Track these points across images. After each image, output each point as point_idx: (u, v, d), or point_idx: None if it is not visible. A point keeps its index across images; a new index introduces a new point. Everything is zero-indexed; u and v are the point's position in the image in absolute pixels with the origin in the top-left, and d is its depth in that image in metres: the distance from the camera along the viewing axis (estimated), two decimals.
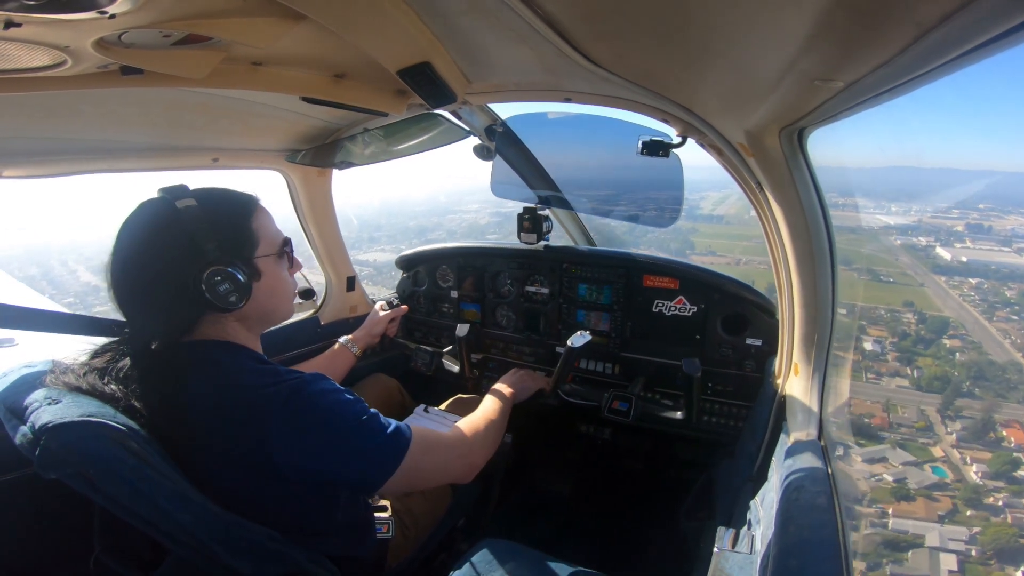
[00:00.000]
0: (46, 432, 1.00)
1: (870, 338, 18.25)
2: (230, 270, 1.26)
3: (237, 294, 1.27)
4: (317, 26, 1.07)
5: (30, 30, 0.86)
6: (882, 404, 15.58)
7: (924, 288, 21.00)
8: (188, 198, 1.27)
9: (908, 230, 24.72)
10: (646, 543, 2.71)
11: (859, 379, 16.51)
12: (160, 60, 1.11)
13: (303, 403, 1.22)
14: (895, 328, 18.98)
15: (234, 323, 1.36)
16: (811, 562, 1.11)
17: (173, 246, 1.24)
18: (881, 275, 21.41)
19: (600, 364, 2.69)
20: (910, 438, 14.10)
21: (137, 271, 1.27)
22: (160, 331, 1.26)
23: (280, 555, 1.22)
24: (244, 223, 1.36)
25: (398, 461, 1.30)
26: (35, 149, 1.69)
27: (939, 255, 22.44)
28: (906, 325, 19.14)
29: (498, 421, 1.83)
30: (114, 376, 1.24)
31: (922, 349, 17.75)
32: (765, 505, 1.53)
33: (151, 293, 1.26)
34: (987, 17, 0.58)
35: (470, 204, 36.49)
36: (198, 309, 1.28)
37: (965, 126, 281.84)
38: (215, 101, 1.70)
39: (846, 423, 2.33)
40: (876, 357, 17.89)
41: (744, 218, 31.75)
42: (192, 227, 1.25)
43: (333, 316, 2.97)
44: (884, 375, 16.92)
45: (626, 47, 1.14)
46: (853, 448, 13.56)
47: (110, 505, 1.06)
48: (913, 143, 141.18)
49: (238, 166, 2.37)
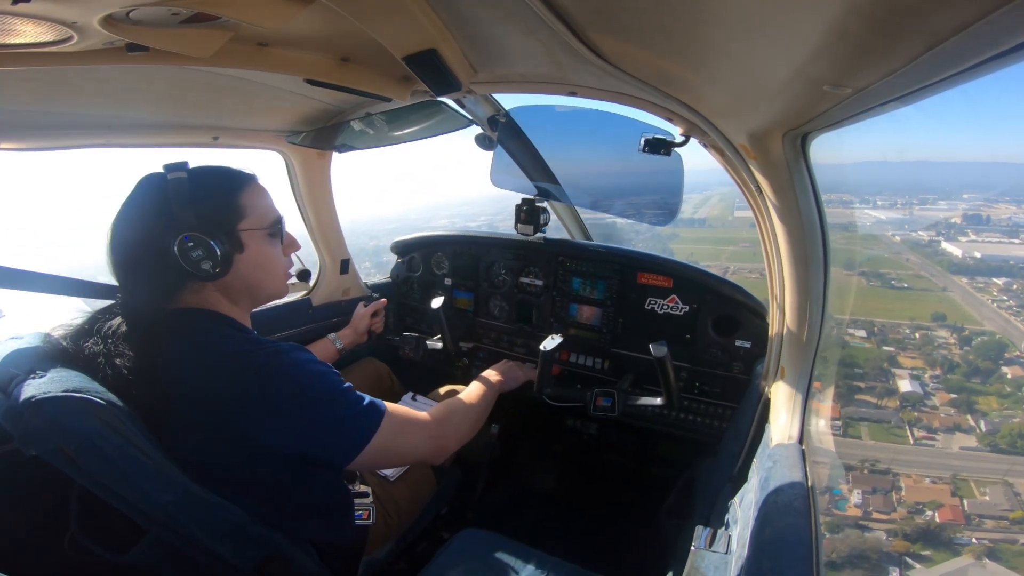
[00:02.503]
0: (29, 406, 0.99)
1: (904, 372, 13.17)
2: (203, 237, 1.27)
3: (210, 262, 1.29)
4: (325, 8, 1.06)
5: (38, 6, 0.85)
6: (949, 484, 10.64)
7: (948, 294, 16.41)
8: (180, 171, 1.30)
9: (904, 224, 22.87)
10: (626, 539, 2.75)
11: (901, 439, 11.65)
12: (167, 38, 1.10)
13: (276, 371, 1.24)
14: (932, 353, 13.94)
15: (215, 293, 1.37)
16: (783, 564, 1.13)
17: (152, 213, 1.29)
18: (892, 280, 17.03)
19: (590, 359, 2.70)
20: (1006, 538, 9.35)
21: (124, 238, 1.31)
22: (145, 297, 1.30)
23: (260, 539, 1.23)
24: (230, 195, 1.38)
25: (369, 435, 1.31)
26: (35, 123, 1.68)
27: (947, 251, 19.41)
28: (946, 348, 14.05)
29: (479, 406, 1.83)
30: (99, 335, 1.27)
31: (980, 384, 12.83)
32: (743, 506, 1.54)
33: (136, 259, 1.30)
34: (1002, 30, 0.58)
35: (440, 220, 36.44)
36: (179, 276, 1.29)
37: (970, 137, 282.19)
38: (219, 80, 1.69)
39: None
40: (919, 402, 12.59)
41: (728, 220, 30.65)
42: (173, 196, 1.27)
43: (325, 298, 2.97)
44: (939, 431, 11.93)
45: (635, 44, 1.14)
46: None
47: (90, 484, 1.06)
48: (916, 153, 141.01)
49: (238, 145, 2.36)
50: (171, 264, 1.26)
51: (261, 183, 1.45)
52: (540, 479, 3.22)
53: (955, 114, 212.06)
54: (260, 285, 1.45)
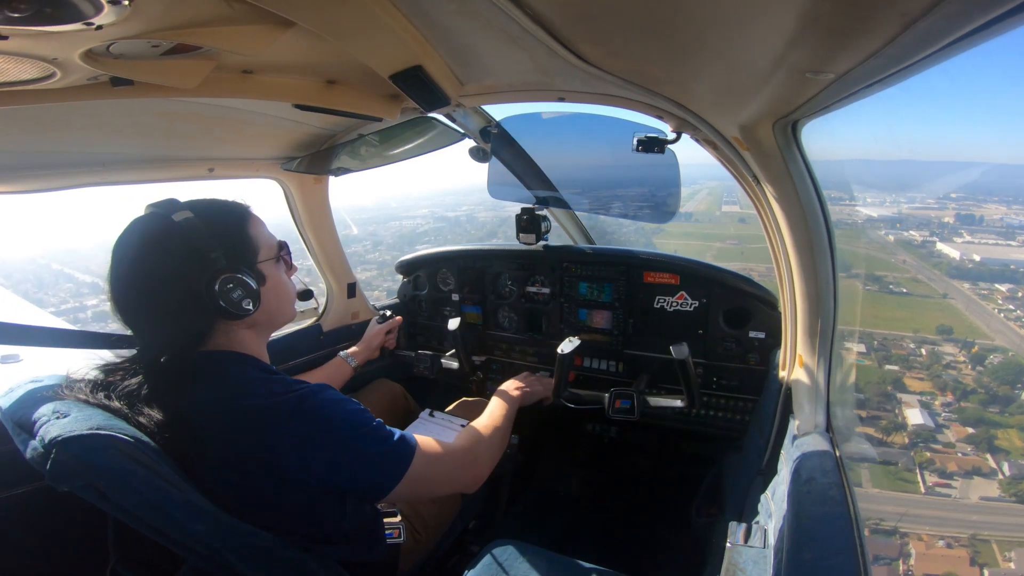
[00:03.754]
0: (56, 445, 1.00)
1: (913, 398, 10.68)
2: (240, 276, 1.27)
3: (250, 299, 1.29)
4: (307, 32, 1.07)
5: (17, 43, 0.86)
6: (967, 548, 8.43)
7: (950, 301, 14.53)
8: (183, 210, 1.28)
9: (896, 222, 21.86)
10: (657, 540, 2.71)
11: (911, 486, 9.34)
12: (150, 70, 1.11)
13: (310, 412, 1.23)
14: (941, 375, 11.55)
15: (245, 331, 1.37)
16: (826, 555, 1.11)
17: (178, 258, 1.24)
18: (890, 284, 15.12)
19: (604, 362, 2.69)
20: None
21: (142, 286, 1.25)
22: (169, 344, 1.27)
23: (292, 562, 1.22)
24: (243, 230, 1.37)
25: (403, 470, 1.31)
26: (25, 163, 1.69)
27: (943, 252, 18.04)
28: (955, 368, 11.74)
29: (503, 427, 1.82)
30: (122, 392, 1.24)
31: (999, 414, 10.39)
32: (776, 498, 1.52)
33: (158, 307, 1.25)
34: (969, 7, 0.58)
35: (419, 209, 36.35)
36: (209, 319, 1.28)
37: (957, 115, 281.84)
38: (208, 110, 1.70)
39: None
40: (930, 437, 10.14)
41: (715, 214, 29.67)
42: (195, 238, 1.25)
43: (335, 323, 2.97)
44: (955, 475, 9.51)
45: (617, 45, 1.14)
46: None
47: (122, 516, 1.07)
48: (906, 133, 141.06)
49: (234, 175, 2.37)
50: (204, 307, 1.23)
51: (254, 211, 1.45)
52: (564, 486, 3.19)
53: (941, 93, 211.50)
54: (280, 313, 1.47)
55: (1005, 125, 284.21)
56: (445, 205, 40.50)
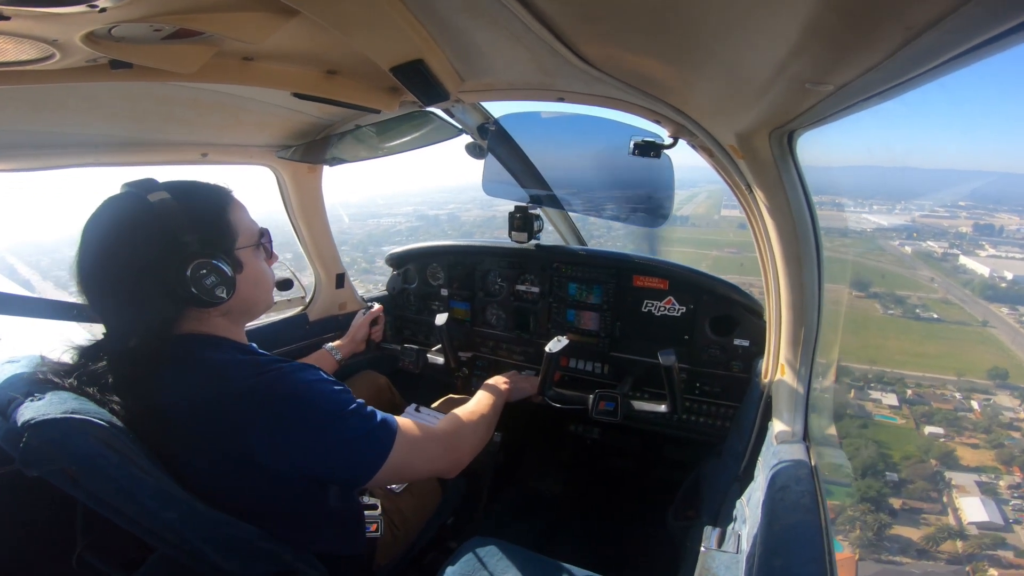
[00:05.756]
0: (28, 428, 0.98)
1: (968, 479, 7.32)
2: (215, 262, 1.23)
3: (224, 287, 1.24)
4: (310, 22, 1.06)
5: (18, 23, 0.85)
6: None
7: (991, 330, 11.21)
8: (160, 191, 1.22)
9: (912, 231, 19.16)
10: (634, 542, 2.73)
11: None
12: (150, 54, 1.10)
13: (283, 395, 1.20)
14: (1003, 442, 8.08)
15: (217, 317, 1.33)
16: (796, 562, 1.13)
17: (151, 241, 1.19)
18: (916, 308, 11.77)
19: (590, 364, 2.70)
20: None
21: (112, 269, 1.21)
22: (139, 329, 1.22)
23: (269, 553, 1.21)
24: (222, 215, 1.33)
25: (385, 453, 1.28)
26: (20, 142, 1.66)
27: (969, 267, 15.31)
28: (1019, 429, 8.36)
29: (488, 416, 1.82)
30: (95, 376, 1.21)
31: None
32: (751, 504, 1.54)
33: (128, 291, 1.21)
34: (976, 22, 0.59)
35: (404, 207, 36.19)
36: (181, 305, 1.24)
37: (953, 130, 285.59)
38: (205, 96, 1.69)
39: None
40: (999, 541, 7.11)
41: (713, 219, 28.59)
42: (170, 221, 1.20)
43: (322, 313, 2.96)
44: None
45: (620, 48, 1.15)
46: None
47: (93, 503, 1.05)
48: (902, 146, 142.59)
49: (227, 161, 2.35)
50: (176, 293, 1.19)
51: (236, 196, 1.41)
52: (545, 485, 3.20)
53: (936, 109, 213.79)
54: (257, 302, 1.43)
55: (1001, 139, 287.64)
56: (432, 203, 40.54)
